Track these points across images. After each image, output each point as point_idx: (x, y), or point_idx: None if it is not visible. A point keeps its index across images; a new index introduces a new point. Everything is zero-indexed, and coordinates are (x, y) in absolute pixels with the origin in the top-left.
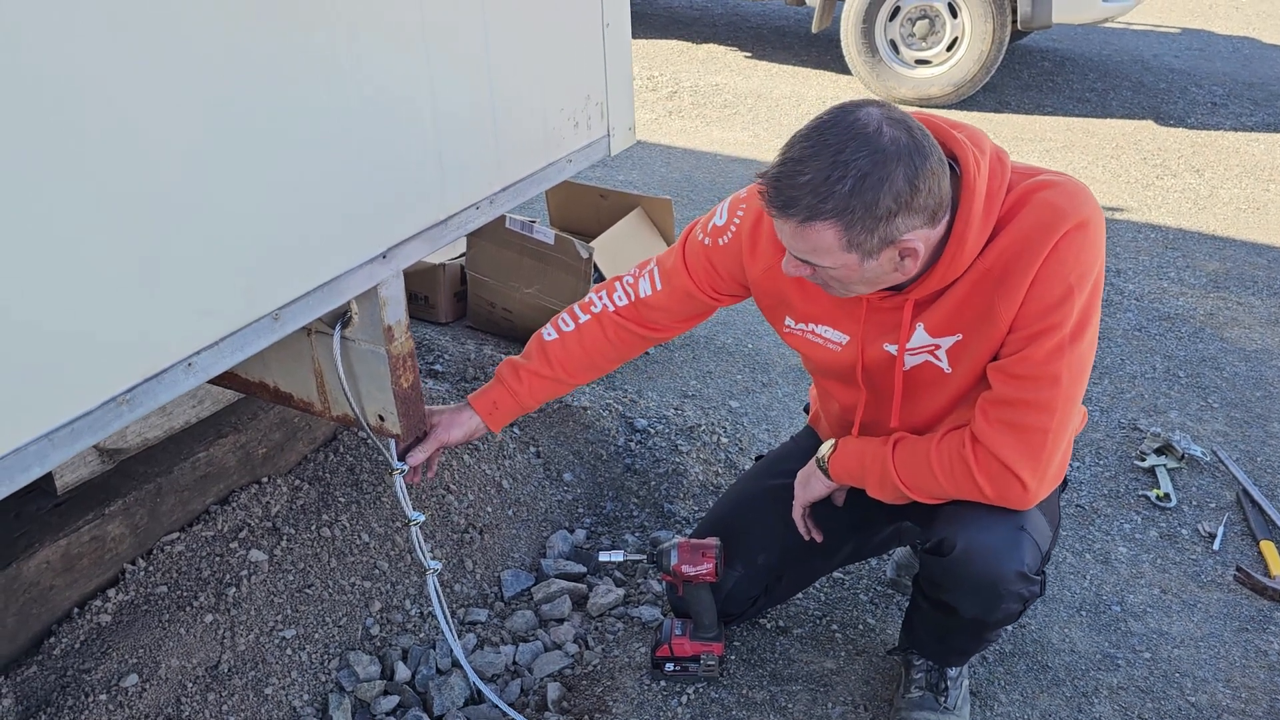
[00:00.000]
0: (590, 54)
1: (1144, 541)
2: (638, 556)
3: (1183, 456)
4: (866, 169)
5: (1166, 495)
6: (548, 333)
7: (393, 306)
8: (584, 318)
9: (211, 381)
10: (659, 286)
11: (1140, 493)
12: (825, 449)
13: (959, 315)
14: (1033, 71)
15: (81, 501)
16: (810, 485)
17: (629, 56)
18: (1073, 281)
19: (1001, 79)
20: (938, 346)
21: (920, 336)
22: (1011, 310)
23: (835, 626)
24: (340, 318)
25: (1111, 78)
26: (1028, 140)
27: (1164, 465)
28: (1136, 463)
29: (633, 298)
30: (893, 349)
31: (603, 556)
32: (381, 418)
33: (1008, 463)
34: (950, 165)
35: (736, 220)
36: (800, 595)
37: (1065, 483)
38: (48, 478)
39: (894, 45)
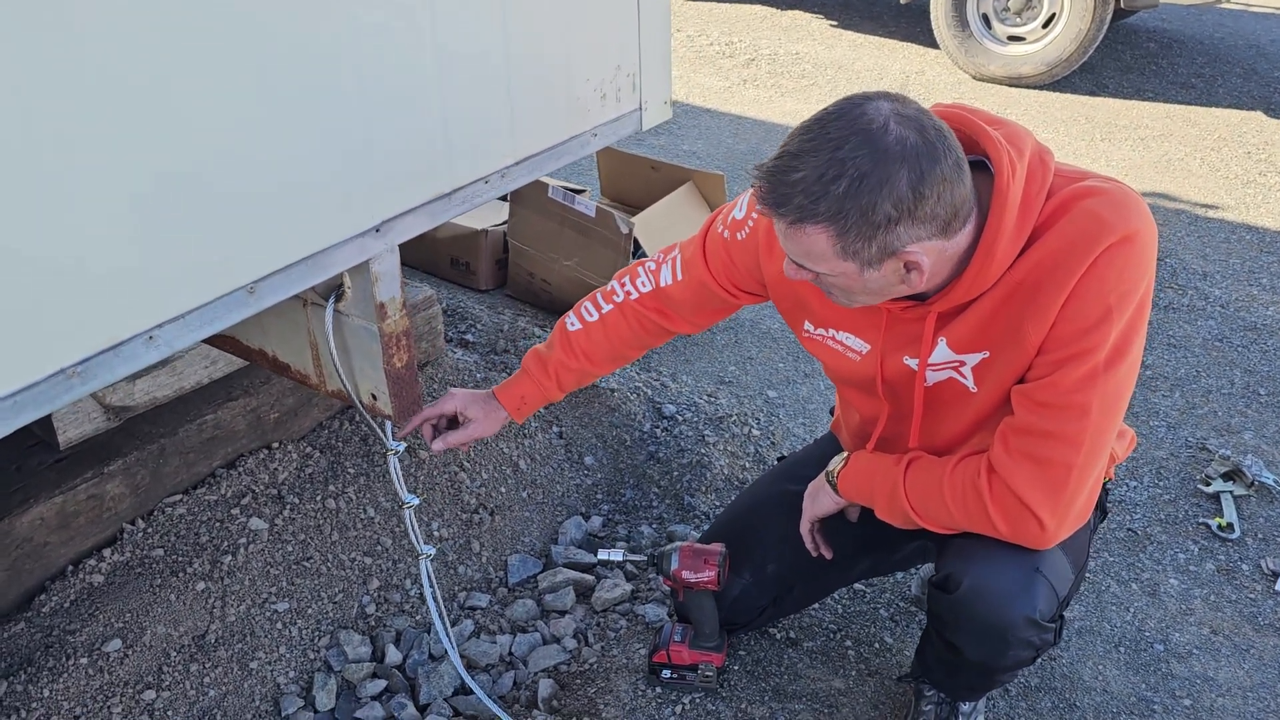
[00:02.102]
0: (622, 21)
1: (1198, 575)
2: (637, 557)
3: (1252, 483)
4: (865, 169)
5: (1229, 525)
6: (571, 322)
7: (386, 283)
8: (607, 307)
9: (212, 344)
10: (679, 276)
11: (1200, 520)
12: (836, 463)
13: (985, 331)
14: (1135, 53)
15: (83, 458)
16: (818, 500)
17: (667, 25)
18: (1112, 302)
19: (1100, 59)
20: (962, 363)
21: (943, 352)
22: (1041, 330)
23: (849, 643)
24: (334, 290)
25: (1221, 63)
26: (1122, 127)
27: (1230, 491)
28: (1200, 487)
29: (654, 285)
30: (913, 363)
31: (602, 554)
32: (374, 396)
33: (1025, 499)
34: (985, 165)
35: (755, 215)
36: (815, 605)
37: (1105, 512)
38: (50, 431)
39: (986, 20)
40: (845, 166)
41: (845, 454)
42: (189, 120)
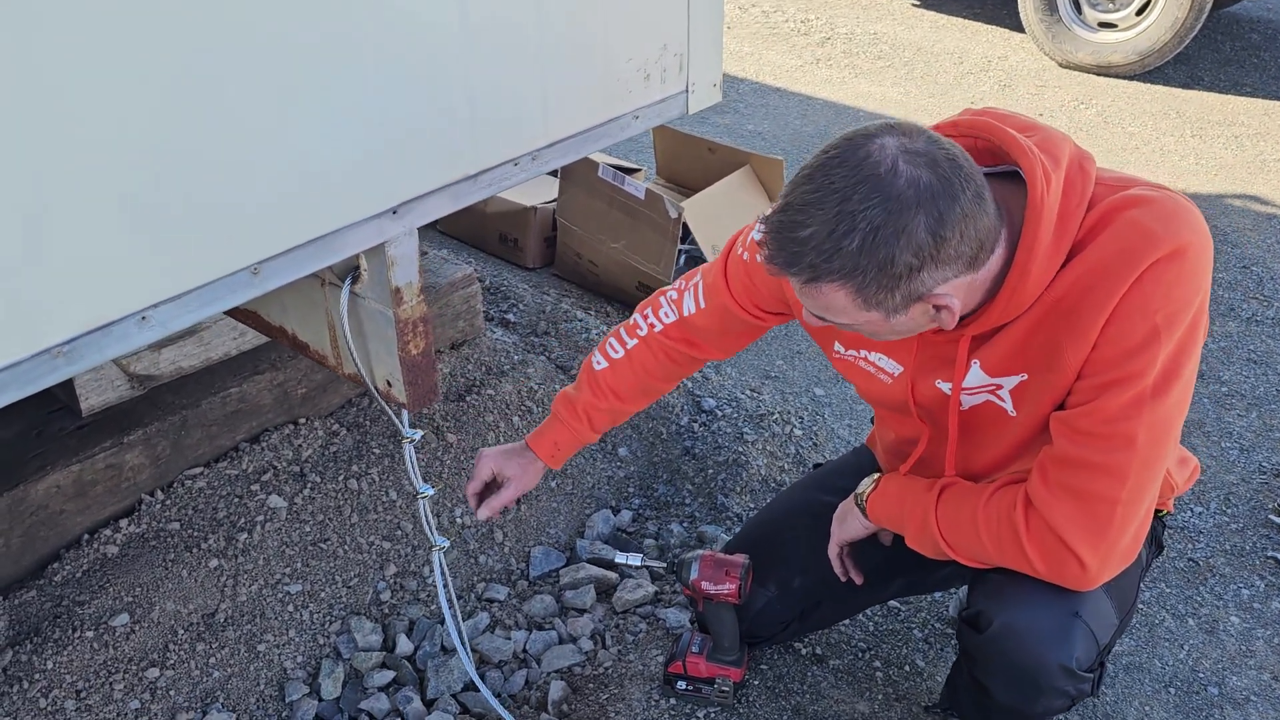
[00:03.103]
0: None
1: (1262, 614)
2: (656, 564)
3: None
4: (878, 221)
5: None
6: (597, 361)
7: (402, 267)
8: (632, 342)
9: (234, 318)
10: (702, 304)
11: (1269, 554)
12: (866, 485)
13: (1021, 353)
14: (1236, 44)
15: (103, 426)
16: (847, 524)
17: (719, 1)
18: (1159, 322)
19: (1197, 50)
20: (999, 386)
21: (977, 375)
22: (1081, 353)
23: (879, 663)
24: (351, 271)
25: None
26: (1215, 124)
27: None
28: (1272, 517)
29: (678, 315)
30: (946, 387)
31: (619, 559)
32: (389, 383)
33: (1064, 536)
34: (1018, 173)
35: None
36: (846, 622)
37: (1160, 547)
38: (73, 397)
39: (1076, 4)
40: (856, 220)
41: (876, 476)
42: (187, 89)
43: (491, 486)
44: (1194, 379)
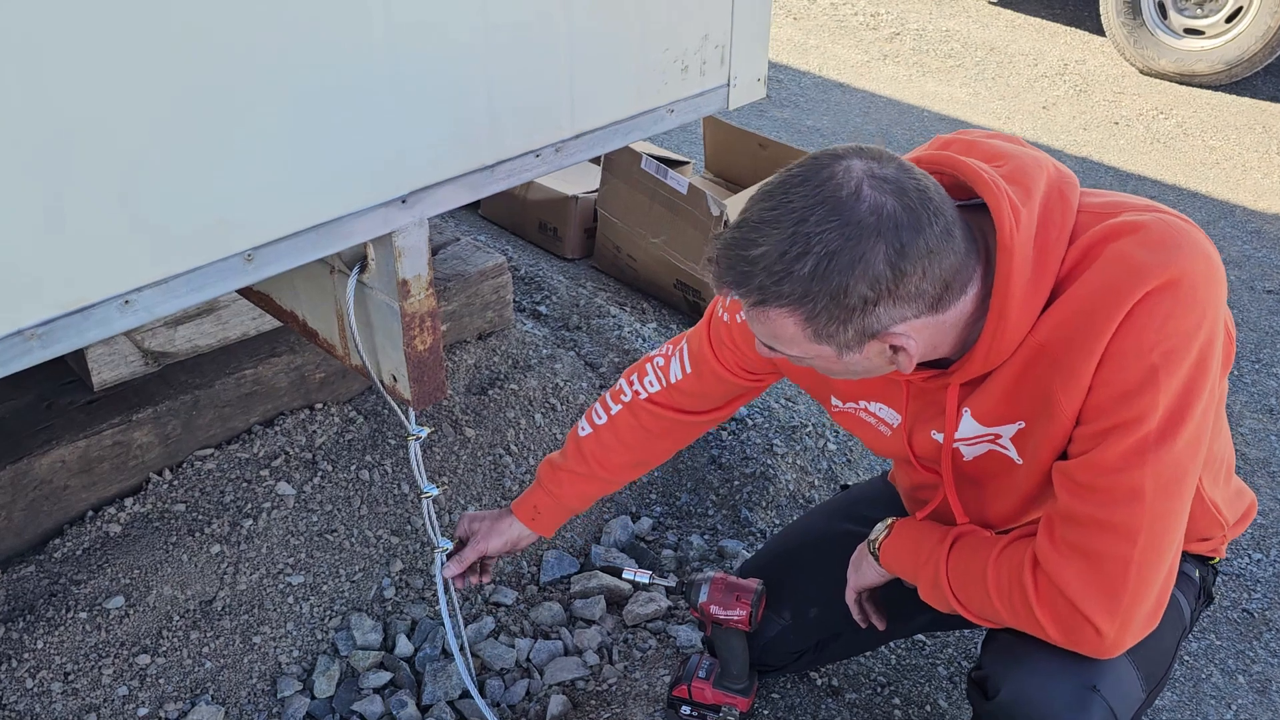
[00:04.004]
0: None
1: None
2: (665, 581)
3: None
4: (834, 246)
5: None
6: (582, 428)
7: (410, 259)
8: (615, 408)
9: (247, 298)
10: (688, 370)
11: None
12: (880, 531)
13: (1013, 401)
14: None
15: (114, 402)
16: (862, 571)
17: None
18: (1156, 360)
19: None
20: (998, 435)
21: (970, 425)
22: (1075, 399)
23: (898, 700)
24: (360, 259)
25: None
26: None
27: None
28: None
29: (664, 382)
30: (939, 437)
31: (627, 574)
32: (394, 378)
33: (1076, 600)
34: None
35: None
36: (868, 652)
37: (1210, 598)
38: (85, 371)
39: (1162, 8)
40: (810, 242)
41: (889, 521)
42: (179, 63)
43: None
44: (1209, 419)
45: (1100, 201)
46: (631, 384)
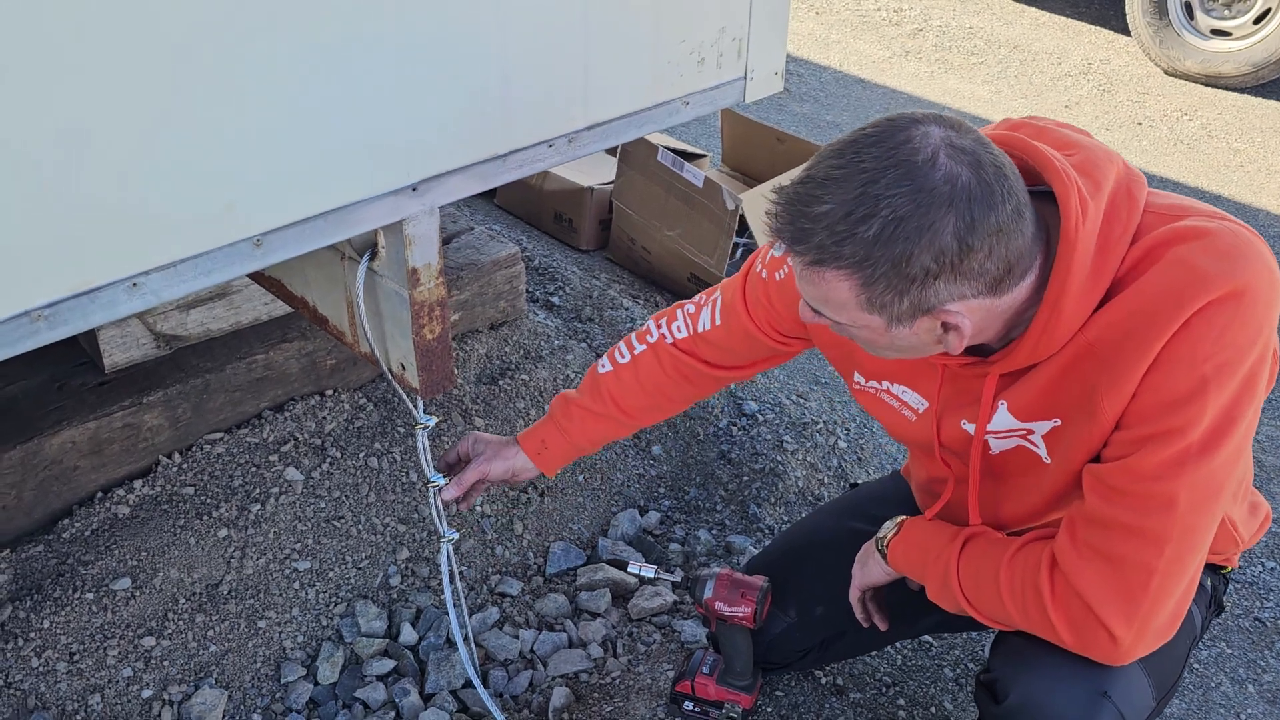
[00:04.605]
0: None
1: None
2: (671, 576)
3: None
4: (904, 212)
5: None
6: (602, 365)
7: (420, 247)
8: (639, 348)
9: (258, 283)
10: (718, 322)
11: None
12: (889, 529)
13: (1052, 398)
14: None
15: (125, 385)
16: (868, 568)
17: None
18: (1208, 372)
19: None
20: (1030, 431)
21: (1004, 418)
22: (1119, 402)
23: (903, 701)
24: (370, 247)
25: None
26: None
27: None
28: None
29: (692, 330)
30: (972, 428)
31: (632, 568)
32: (403, 366)
33: (1093, 604)
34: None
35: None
36: (873, 652)
37: (1221, 608)
38: (97, 353)
39: (1188, 8)
40: (879, 205)
41: (899, 519)
42: (192, 46)
43: (457, 468)
44: (1251, 436)
45: (1167, 203)
46: (659, 327)
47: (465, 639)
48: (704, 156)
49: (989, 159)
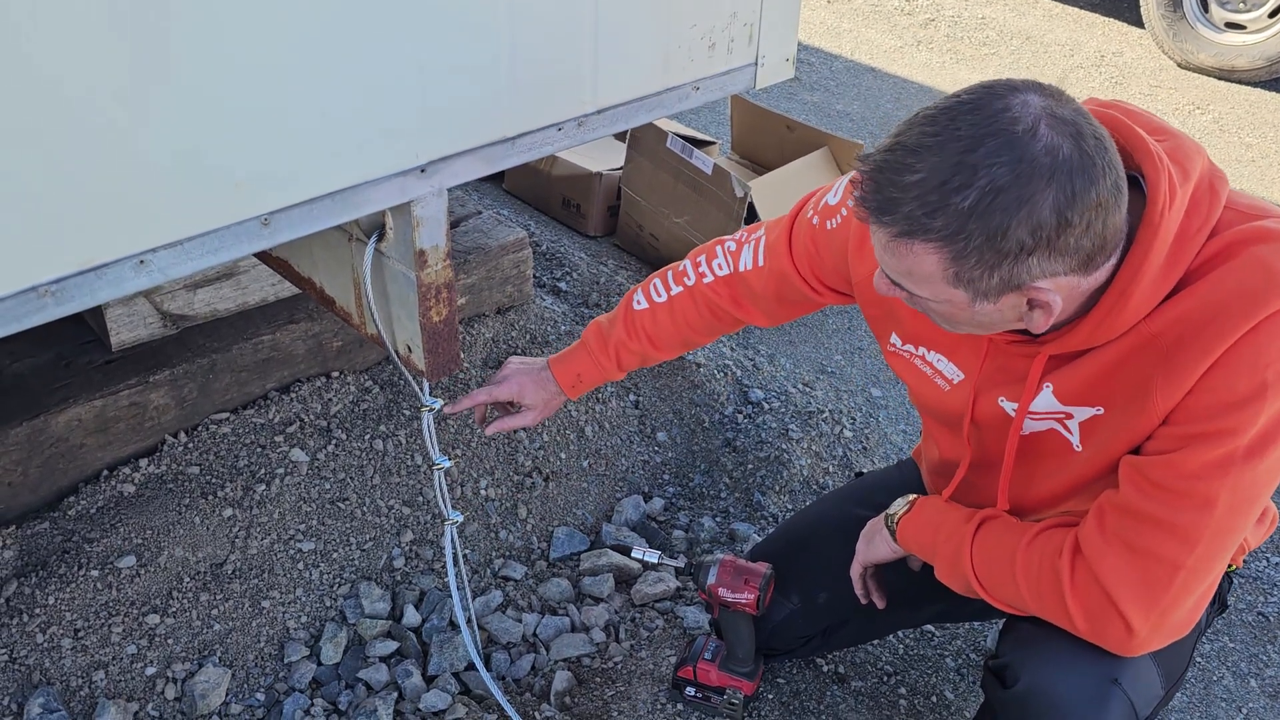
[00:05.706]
0: None
1: None
2: (675, 562)
3: None
4: (1003, 182)
5: None
6: (638, 300)
7: (428, 229)
8: (676, 289)
9: (265, 263)
10: (760, 262)
11: None
12: (899, 505)
13: (1102, 385)
14: None
15: (131, 364)
16: (874, 544)
17: None
18: (1269, 378)
19: None
20: (1069, 415)
21: (1047, 399)
22: (1173, 398)
23: (904, 690)
24: (378, 228)
25: None
26: None
27: None
28: None
29: (732, 268)
30: (1010, 408)
31: (636, 553)
32: (409, 348)
33: (1113, 593)
34: (1137, 181)
35: (850, 204)
36: (874, 641)
37: (1224, 605)
38: (104, 331)
39: (1204, 2)
40: (977, 174)
41: (911, 497)
42: (200, 25)
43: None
44: None
45: (1248, 202)
46: (697, 265)
47: (468, 622)
48: (713, 144)
49: (1090, 130)
